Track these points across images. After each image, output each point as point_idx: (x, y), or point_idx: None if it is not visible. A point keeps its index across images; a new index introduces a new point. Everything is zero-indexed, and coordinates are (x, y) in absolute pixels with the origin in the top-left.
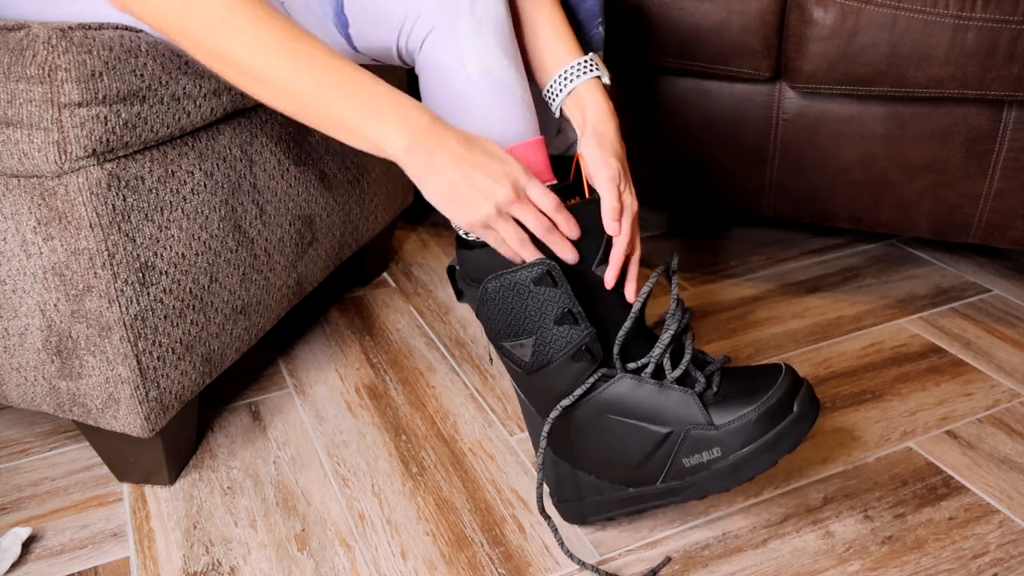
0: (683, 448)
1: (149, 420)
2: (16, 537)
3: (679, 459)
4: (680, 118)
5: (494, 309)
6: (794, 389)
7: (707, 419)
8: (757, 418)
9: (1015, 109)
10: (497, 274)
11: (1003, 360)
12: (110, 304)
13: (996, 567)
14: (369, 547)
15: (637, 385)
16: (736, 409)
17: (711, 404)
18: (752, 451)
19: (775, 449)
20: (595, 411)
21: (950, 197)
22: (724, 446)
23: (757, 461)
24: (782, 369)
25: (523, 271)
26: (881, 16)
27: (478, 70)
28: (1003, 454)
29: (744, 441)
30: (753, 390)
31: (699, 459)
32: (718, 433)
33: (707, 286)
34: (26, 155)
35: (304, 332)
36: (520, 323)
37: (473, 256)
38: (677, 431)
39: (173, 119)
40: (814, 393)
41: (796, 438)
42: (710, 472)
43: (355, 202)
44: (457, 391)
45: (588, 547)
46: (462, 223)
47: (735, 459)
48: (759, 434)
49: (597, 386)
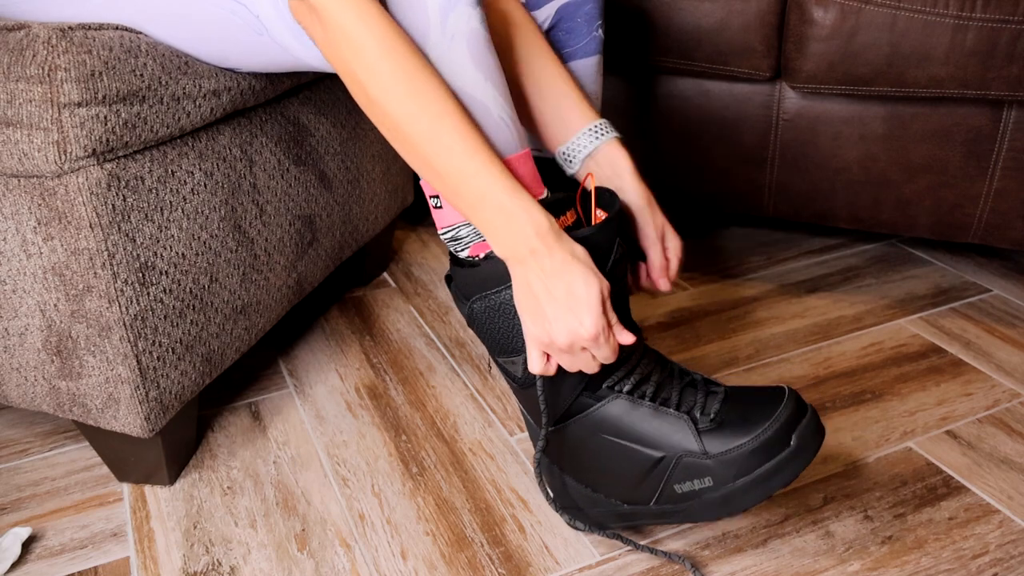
0: (675, 474)
1: (149, 420)
2: (16, 537)
3: (671, 484)
4: (680, 118)
5: (482, 327)
6: (795, 420)
7: (701, 447)
8: (752, 450)
9: (1015, 109)
10: (482, 295)
11: (1003, 360)
12: (110, 304)
13: (996, 567)
14: (369, 547)
15: (632, 407)
16: (731, 439)
17: (706, 431)
18: (745, 484)
19: (768, 484)
20: (590, 430)
21: (950, 197)
22: (716, 477)
23: (749, 495)
24: (784, 395)
25: (507, 291)
26: (881, 16)
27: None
28: (1003, 454)
29: (737, 473)
30: (751, 418)
31: (691, 487)
32: (711, 463)
33: (707, 286)
34: (26, 155)
35: (304, 332)
36: (508, 341)
37: (462, 273)
38: (670, 456)
39: (173, 119)
40: (818, 422)
41: (791, 473)
42: (701, 501)
43: (355, 202)
44: (457, 391)
45: (588, 547)
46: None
47: (726, 491)
48: (753, 467)
49: (590, 405)
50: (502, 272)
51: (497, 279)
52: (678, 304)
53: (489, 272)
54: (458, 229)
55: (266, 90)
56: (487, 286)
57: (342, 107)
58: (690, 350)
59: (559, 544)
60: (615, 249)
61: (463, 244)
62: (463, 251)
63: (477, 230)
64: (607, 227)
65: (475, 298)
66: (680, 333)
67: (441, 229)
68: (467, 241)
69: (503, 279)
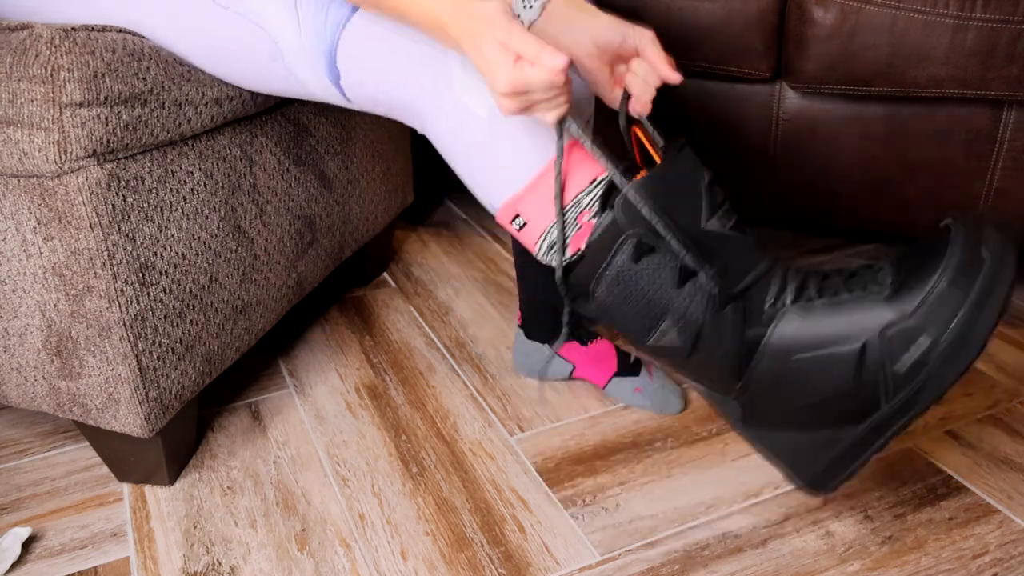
0: (889, 354)
1: (149, 420)
2: (16, 537)
3: (891, 368)
4: (680, 118)
5: (618, 311)
6: (975, 236)
7: (897, 313)
8: (950, 282)
9: (1015, 109)
10: (596, 277)
11: (1003, 360)
12: (110, 304)
13: (996, 567)
14: (369, 547)
15: (805, 313)
16: (922, 286)
17: (892, 297)
18: (965, 317)
19: (993, 296)
20: (779, 360)
21: (950, 197)
22: (931, 330)
23: (980, 323)
24: (951, 226)
25: (617, 257)
26: (881, 16)
27: (486, 110)
28: (1003, 454)
29: (951, 313)
30: (930, 261)
31: (911, 357)
32: (918, 320)
33: None
34: (26, 155)
35: (304, 332)
36: (649, 310)
37: (577, 274)
38: (872, 340)
39: (173, 124)
40: (1003, 226)
41: (1005, 284)
42: (934, 363)
43: (355, 202)
44: (457, 391)
45: (588, 547)
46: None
47: (952, 336)
48: (962, 299)
49: (763, 335)
50: (606, 245)
51: (603, 253)
52: None
53: (599, 251)
54: (550, 233)
55: (268, 100)
56: (598, 264)
57: (342, 107)
58: None
59: (559, 544)
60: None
61: (563, 244)
62: (566, 251)
63: (570, 227)
64: (680, 153)
65: (592, 284)
66: None
67: (535, 246)
68: (564, 241)
69: (608, 249)
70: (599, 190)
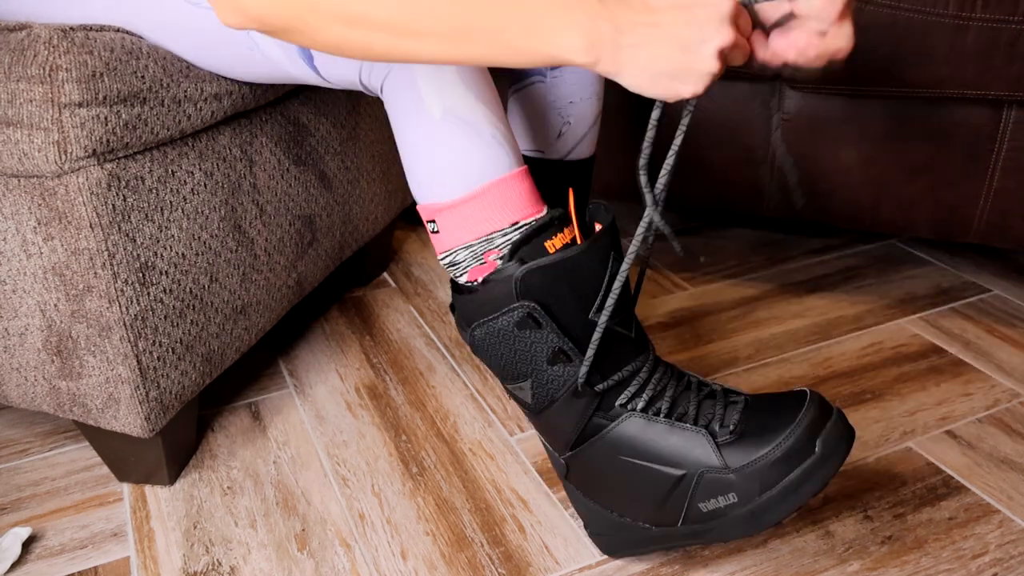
0: (698, 492)
1: (149, 420)
2: (16, 537)
3: (695, 503)
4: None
5: (486, 355)
6: (818, 424)
7: (721, 462)
8: (774, 461)
9: (1015, 109)
10: (481, 321)
11: (1003, 360)
12: (110, 304)
13: (996, 567)
14: (369, 547)
15: (647, 424)
16: (752, 450)
17: (725, 444)
18: (771, 498)
19: (797, 495)
20: (607, 452)
21: (950, 197)
22: (740, 492)
23: (777, 508)
24: (806, 399)
25: (503, 317)
26: (881, 16)
27: (440, 110)
28: (1003, 454)
29: (762, 487)
30: (771, 427)
31: (716, 504)
32: (734, 477)
33: (707, 286)
34: (26, 155)
35: (304, 332)
36: (514, 367)
37: (462, 300)
38: (691, 474)
39: (173, 121)
40: (845, 425)
41: (820, 482)
42: (729, 519)
43: (355, 202)
44: (457, 391)
45: (588, 547)
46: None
47: (753, 506)
48: (777, 479)
49: (604, 426)
50: (499, 297)
51: (494, 304)
52: (678, 304)
53: (487, 297)
54: (456, 253)
55: (267, 93)
56: (485, 311)
57: (342, 107)
58: (690, 350)
59: (559, 544)
60: (609, 264)
61: (461, 269)
62: (461, 276)
63: (474, 254)
64: (599, 242)
65: (475, 325)
66: (680, 333)
67: (440, 255)
68: (464, 266)
69: (500, 304)
70: (516, 235)
